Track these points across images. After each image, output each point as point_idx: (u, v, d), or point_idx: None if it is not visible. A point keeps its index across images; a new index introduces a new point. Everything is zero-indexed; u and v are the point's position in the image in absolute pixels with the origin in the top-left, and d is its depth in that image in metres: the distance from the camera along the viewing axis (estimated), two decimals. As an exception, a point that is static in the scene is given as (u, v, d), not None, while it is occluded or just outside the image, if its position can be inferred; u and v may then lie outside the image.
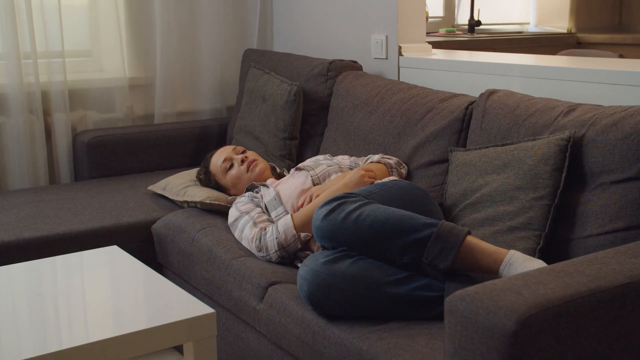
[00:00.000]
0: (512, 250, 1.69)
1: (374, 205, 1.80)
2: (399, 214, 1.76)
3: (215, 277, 2.18)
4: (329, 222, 1.78)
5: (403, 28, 2.88)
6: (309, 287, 1.73)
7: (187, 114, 3.51)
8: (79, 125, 3.22)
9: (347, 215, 1.77)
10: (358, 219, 1.75)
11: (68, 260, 1.98)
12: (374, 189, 1.95)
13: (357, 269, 1.73)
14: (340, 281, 1.71)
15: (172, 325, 1.55)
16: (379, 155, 2.37)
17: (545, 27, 5.12)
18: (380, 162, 2.31)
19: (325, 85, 2.88)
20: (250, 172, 2.50)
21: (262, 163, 2.54)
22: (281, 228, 2.08)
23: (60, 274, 1.92)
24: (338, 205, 1.80)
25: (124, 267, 1.92)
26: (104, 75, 3.28)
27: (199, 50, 3.46)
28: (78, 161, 3.12)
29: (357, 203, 1.80)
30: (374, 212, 1.76)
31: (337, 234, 1.77)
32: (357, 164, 2.39)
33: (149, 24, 3.32)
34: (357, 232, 1.75)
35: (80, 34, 3.25)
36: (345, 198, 1.83)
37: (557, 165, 1.81)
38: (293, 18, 3.50)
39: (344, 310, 1.73)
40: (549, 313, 1.26)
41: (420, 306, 1.70)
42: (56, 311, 1.69)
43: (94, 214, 2.54)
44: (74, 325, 1.62)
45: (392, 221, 1.74)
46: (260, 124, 2.94)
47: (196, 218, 2.45)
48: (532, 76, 2.39)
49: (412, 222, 1.73)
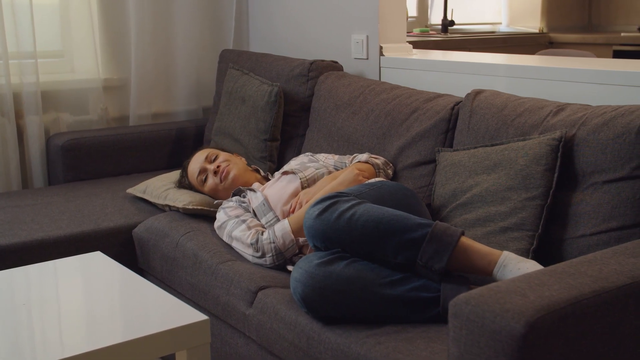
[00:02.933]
0: (505, 252, 1.68)
1: (367, 205, 1.77)
2: (393, 213, 1.74)
3: (202, 282, 2.14)
4: (322, 222, 1.75)
5: (384, 28, 2.87)
6: (304, 290, 1.70)
7: (163, 116, 3.45)
8: (52, 127, 3.14)
9: (340, 214, 1.74)
10: (352, 218, 1.73)
11: (51, 267, 1.92)
12: (364, 188, 1.93)
13: (352, 270, 1.70)
14: (335, 283, 1.69)
15: (165, 333, 1.51)
16: (366, 154, 2.34)
17: (517, 27, 5.16)
18: (368, 162, 2.27)
19: (306, 85, 2.85)
20: (224, 181, 2.42)
21: (235, 169, 2.44)
22: (279, 233, 2.04)
23: (44, 282, 1.86)
24: (331, 205, 1.77)
25: (110, 273, 1.87)
26: (77, 77, 3.21)
27: (174, 50, 3.41)
28: (52, 165, 3.05)
29: (350, 202, 1.77)
30: (367, 212, 1.74)
31: (329, 233, 1.74)
32: (344, 162, 2.37)
33: (123, 24, 3.26)
34: (350, 232, 1.72)
35: (51, 34, 3.17)
36: (337, 197, 1.80)
37: (549, 166, 1.81)
38: (270, 18, 3.46)
39: (339, 312, 1.70)
40: (556, 315, 1.25)
41: (416, 307, 1.68)
42: (42, 322, 1.63)
43: (73, 219, 2.48)
44: (63, 336, 1.57)
45: (385, 221, 1.71)
46: (240, 126, 2.90)
47: (179, 222, 2.40)
48: (515, 76, 2.39)
49: (406, 222, 1.71)
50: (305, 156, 2.47)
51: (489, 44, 4.52)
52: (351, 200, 1.78)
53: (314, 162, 2.36)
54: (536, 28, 5.11)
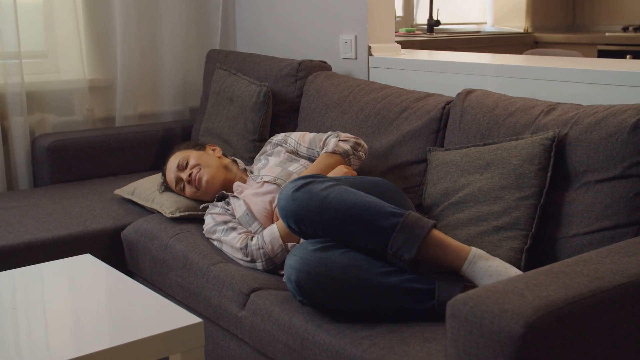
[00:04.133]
0: (474, 248, 1.68)
1: (342, 187, 1.75)
2: (367, 199, 1.72)
3: (192, 284, 2.12)
4: (294, 201, 1.73)
5: (372, 28, 2.86)
6: (298, 275, 1.68)
7: (149, 116, 3.43)
8: (37, 128, 3.11)
9: (314, 195, 1.72)
10: (325, 199, 1.71)
11: (40, 270, 1.89)
12: (345, 177, 1.92)
13: (348, 258, 1.69)
14: (330, 270, 1.67)
15: (159, 336, 1.49)
16: (335, 139, 2.25)
17: (502, 27, 5.18)
18: (335, 152, 2.20)
19: (295, 85, 2.84)
20: (200, 189, 2.38)
21: (207, 173, 2.35)
22: (267, 238, 2.02)
23: (34, 286, 1.83)
24: (305, 184, 1.75)
25: (101, 276, 1.84)
26: (62, 77, 3.17)
27: (160, 50, 3.38)
28: (37, 166, 3.02)
29: (325, 184, 1.75)
30: (341, 195, 1.72)
31: (301, 214, 1.73)
32: (313, 151, 2.31)
33: (108, 24, 3.23)
34: (322, 213, 1.71)
35: (34, 34, 3.13)
36: (313, 178, 1.78)
37: (542, 165, 1.81)
38: (257, 17, 3.44)
39: (333, 300, 1.68)
40: (554, 315, 1.24)
41: (410, 298, 1.67)
42: (32, 326, 1.60)
43: (60, 221, 2.45)
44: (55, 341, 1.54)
45: (358, 206, 1.70)
46: (228, 126, 2.88)
47: (168, 224, 2.38)
48: (505, 76, 2.39)
49: (379, 210, 1.70)
50: (278, 158, 2.36)
51: (475, 44, 4.53)
52: (327, 182, 1.76)
53: (294, 163, 2.30)
54: (521, 28, 5.13)
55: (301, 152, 2.35)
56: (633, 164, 1.71)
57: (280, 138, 2.43)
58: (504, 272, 1.63)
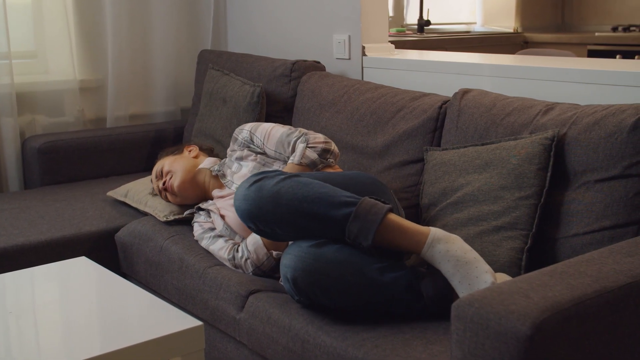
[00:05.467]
0: (433, 230, 1.67)
1: (294, 180, 1.72)
2: (319, 190, 1.70)
3: (188, 287, 2.10)
4: (246, 200, 1.71)
5: (366, 28, 2.85)
6: (294, 273, 1.67)
7: (140, 117, 3.40)
8: (27, 129, 3.08)
9: (265, 192, 1.70)
10: (276, 196, 1.69)
11: (37, 273, 1.87)
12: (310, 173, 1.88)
13: (343, 254, 1.68)
14: (325, 266, 1.66)
15: (159, 340, 1.47)
16: (302, 144, 2.12)
17: (491, 27, 5.19)
18: (301, 163, 2.09)
19: (289, 86, 2.82)
20: (176, 195, 2.36)
21: (178, 178, 2.33)
22: (251, 247, 2.00)
23: (30, 289, 1.81)
24: (256, 181, 1.73)
25: (98, 279, 1.82)
26: (52, 78, 3.14)
27: (151, 50, 3.36)
28: (28, 167, 2.98)
29: (277, 178, 1.72)
30: (292, 189, 1.70)
31: (255, 212, 1.71)
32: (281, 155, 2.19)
33: (99, 24, 3.20)
34: (275, 210, 1.69)
35: (23, 34, 3.10)
36: (265, 174, 1.76)
37: (542, 165, 1.81)
38: (248, 17, 3.43)
39: (329, 296, 1.67)
40: (560, 316, 1.24)
41: (406, 292, 1.67)
42: (31, 330, 1.58)
43: (53, 223, 2.42)
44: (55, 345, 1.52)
45: (310, 199, 1.68)
46: (222, 127, 2.86)
47: (163, 226, 2.36)
48: (499, 76, 2.39)
49: (332, 200, 1.68)
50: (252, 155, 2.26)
51: (465, 44, 4.54)
52: (279, 176, 1.74)
53: (266, 168, 2.22)
54: (510, 28, 5.14)
55: (269, 154, 2.25)
56: (633, 163, 1.71)
57: (246, 136, 2.29)
58: (462, 258, 1.62)
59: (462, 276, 1.61)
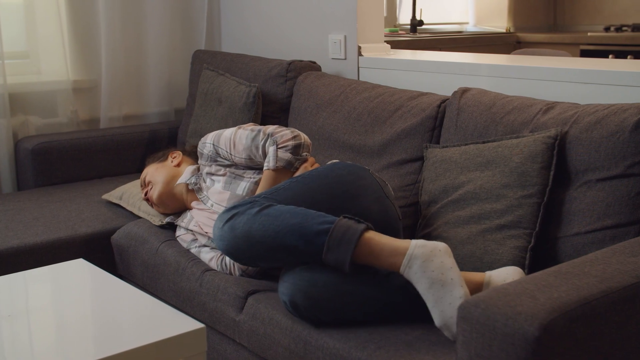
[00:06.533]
0: (411, 246, 1.60)
1: (263, 214, 1.70)
2: (289, 222, 1.67)
3: (185, 289, 2.08)
4: (223, 241, 1.73)
5: (362, 28, 2.84)
6: (292, 299, 1.68)
7: (134, 118, 3.38)
8: (20, 131, 3.05)
9: (238, 231, 1.70)
10: (248, 234, 1.69)
11: (33, 275, 1.84)
12: (286, 183, 1.87)
13: (336, 275, 1.67)
14: (322, 289, 1.67)
15: (161, 343, 1.46)
16: (272, 147, 2.05)
17: (484, 27, 5.19)
18: (277, 168, 2.03)
19: (285, 86, 2.81)
20: (157, 206, 2.35)
21: (157, 189, 2.31)
22: None
23: (28, 292, 1.79)
24: (228, 219, 1.73)
25: (97, 282, 1.80)
26: (45, 78, 3.11)
27: (145, 51, 3.34)
28: (21, 169, 2.95)
29: (247, 213, 1.71)
30: (262, 226, 1.68)
31: (232, 252, 1.73)
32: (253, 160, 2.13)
33: (92, 24, 3.18)
34: (250, 248, 1.70)
35: (16, 35, 3.07)
36: (237, 208, 1.74)
37: (545, 163, 1.80)
38: (242, 17, 3.41)
39: (330, 315, 1.68)
40: (567, 317, 1.23)
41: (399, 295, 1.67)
42: (31, 333, 1.56)
43: (48, 225, 2.40)
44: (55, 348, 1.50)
45: (282, 233, 1.66)
46: (217, 127, 2.84)
47: (158, 228, 2.34)
48: (497, 75, 2.38)
49: (303, 232, 1.65)
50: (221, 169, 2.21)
51: (459, 44, 4.54)
52: (250, 209, 1.72)
53: (240, 182, 2.16)
54: (503, 28, 5.15)
55: (239, 163, 2.17)
56: (635, 162, 1.71)
57: (210, 149, 2.21)
58: (438, 279, 1.55)
59: (435, 301, 1.55)
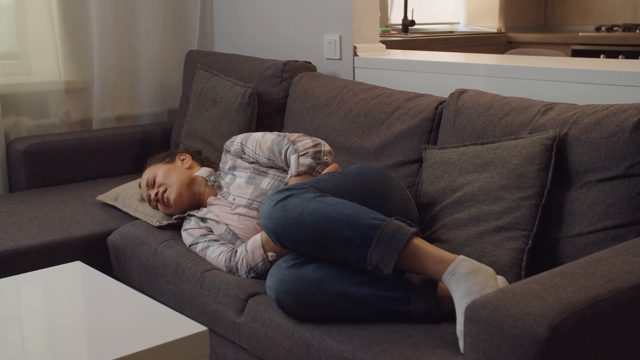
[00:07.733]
0: (458, 258, 1.59)
1: (317, 200, 1.70)
2: (343, 211, 1.67)
3: (185, 291, 2.07)
4: (271, 219, 1.71)
5: (357, 28, 2.83)
6: (277, 295, 1.70)
7: (127, 119, 3.35)
8: (12, 132, 3.02)
9: (289, 212, 1.69)
10: (300, 217, 1.68)
11: (30, 279, 1.82)
12: (325, 176, 1.88)
13: (322, 272, 1.69)
14: (306, 286, 1.68)
15: (163, 347, 1.44)
16: (294, 155, 2.08)
17: (475, 27, 5.20)
18: (299, 173, 2.05)
19: (280, 87, 2.80)
20: (170, 207, 2.31)
21: (174, 192, 2.28)
22: (249, 247, 1.98)
23: (25, 295, 1.76)
24: (281, 200, 1.72)
25: (96, 285, 1.78)
26: (37, 79, 3.08)
27: (137, 51, 3.31)
28: (13, 170, 2.92)
29: (301, 197, 1.71)
30: (316, 210, 1.68)
31: (279, 232, 1.71)
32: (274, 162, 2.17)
33: (85, 24, 3.15)
34: (299, 231, 1.68)
35: (5, 34, 3.03)
36: (292, 191, 1.74)
37: (543, 165, 1.80)
38: (236, 17, 3.39)
39: (315, 313, 1.69)
40: (576, 318, 1.23)
41: (387, 306, 1.66)
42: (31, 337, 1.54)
43: (43, 227, 2.37)
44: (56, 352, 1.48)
45: (335, 220, 1.66)
46: (212, 128, 2.83)
47: (156, 229, 2.32)
48: (494, 76, 2.39)
49: (356, 223, 1.65)
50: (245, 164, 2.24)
51: (451, 44, 4.54)
52: (304, 194, 1.72)
53: (264, 178, 2.19)
54: (494, 28, 5.16)
55: (262, 162, 2.21)
56: (635, 163, 1.71)
57: (237, 148, 2.27)
58: (476, 293, 1.52)
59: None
